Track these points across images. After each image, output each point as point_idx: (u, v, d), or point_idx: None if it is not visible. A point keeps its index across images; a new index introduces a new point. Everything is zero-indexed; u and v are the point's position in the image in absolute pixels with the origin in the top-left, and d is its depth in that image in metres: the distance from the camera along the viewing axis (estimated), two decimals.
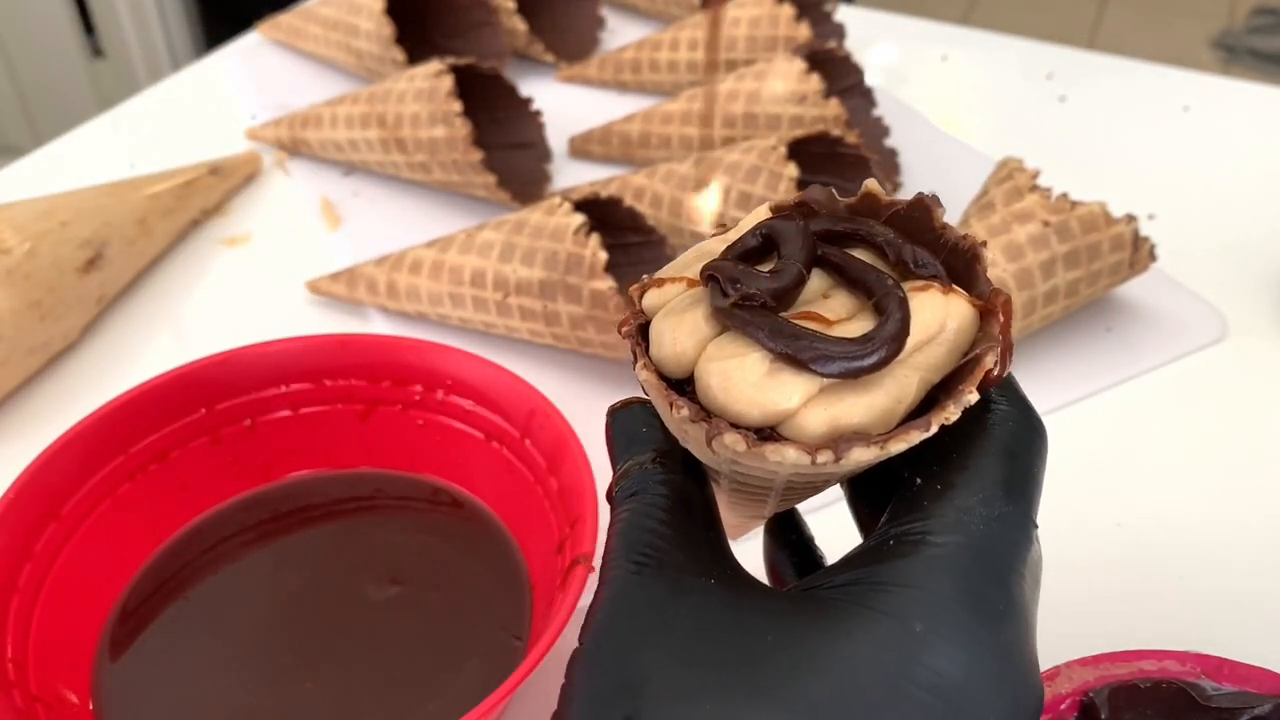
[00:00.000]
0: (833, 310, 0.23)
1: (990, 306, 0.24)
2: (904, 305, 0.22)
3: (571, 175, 0.67)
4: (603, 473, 0.38)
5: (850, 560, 0.24)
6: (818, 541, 0.32)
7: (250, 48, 0.83)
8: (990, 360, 0.23)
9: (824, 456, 0.22)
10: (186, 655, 0.39)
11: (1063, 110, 0.74)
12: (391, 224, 0.63)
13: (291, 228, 0.64)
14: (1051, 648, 0.39)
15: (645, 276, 0.26)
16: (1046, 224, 0.49)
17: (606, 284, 0.48)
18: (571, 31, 0.82)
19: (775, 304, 0.23)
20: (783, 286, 0.23)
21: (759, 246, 0.24)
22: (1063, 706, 0.32)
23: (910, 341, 0.22)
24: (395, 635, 0.39)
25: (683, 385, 0.24)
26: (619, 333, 0.25)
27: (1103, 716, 0.32)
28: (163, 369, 0.42)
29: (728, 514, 0.30)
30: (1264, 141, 0.70)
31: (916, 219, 0.25)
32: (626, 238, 0.54)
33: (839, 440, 0.22)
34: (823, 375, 0.22)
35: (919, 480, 0.24)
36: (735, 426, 0.22)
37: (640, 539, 0.24)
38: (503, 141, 0.66)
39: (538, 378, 0.42)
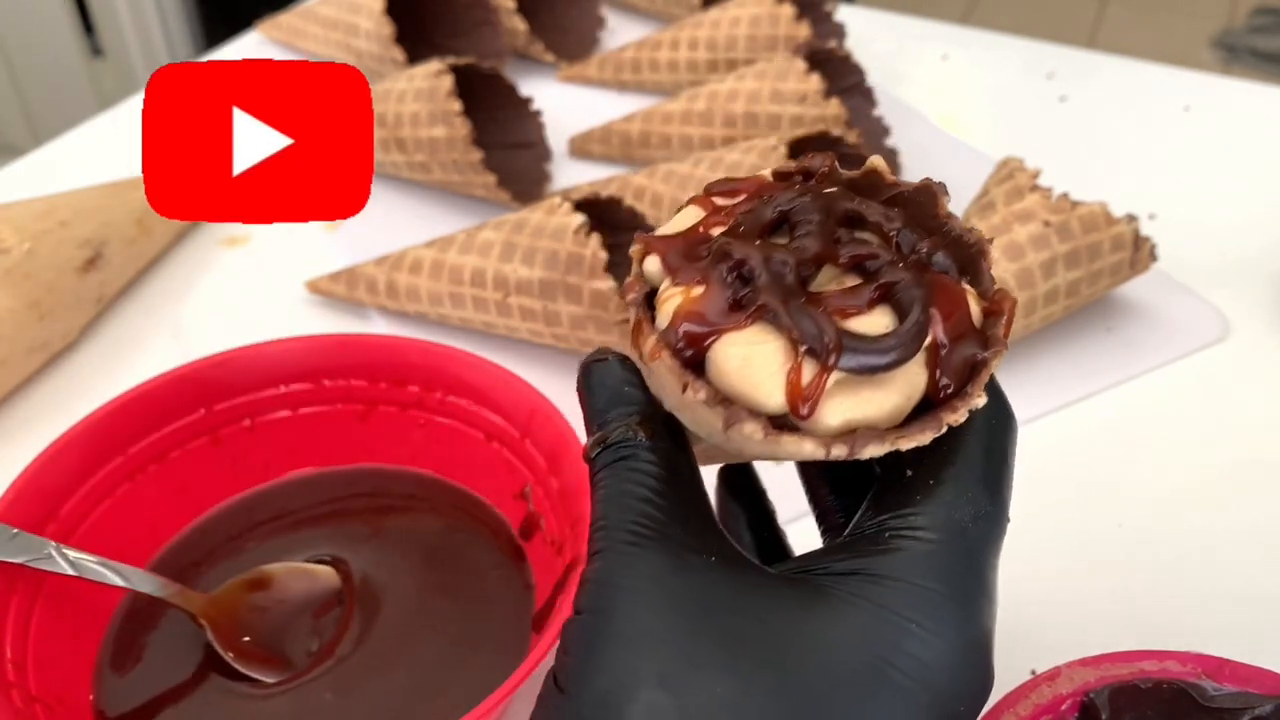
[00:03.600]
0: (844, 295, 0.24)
1: (997, 308, 0.24)
2: (926, 307, 0.23)
3: (571, 175, 0.67)
4: None
5: (846, 547, 0.25)
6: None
7: (250, 47, 0.83)
8: (996, 365, 0.23)
9: (839, 450, 0.22)
10: (188, 654, 0.38)
11: (1063, 110, 0.74)
12: (391, 224, 0.63)
13: (291, 228, 0.64)
14: (1052, 648, 0.39)
15: (638, 246, 0.25)
16: (1047, 224, 0.49)
17: (607, 284, 0.48)
18: (571, 31, 0.81)
19: (796, 288, 0.23)
20: (807, 275, 0.23)
21: (774, 221, 0.24)
22: (1064, 707, 0.32)
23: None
24: (395, 635, 0.39)
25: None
26: (622, 299, 0.25)
27: (1104, 717, 0.32)
28: (162, 369, 0.42)
29: None
30: (1265, 141, 0.70)
31: (920, 204, 0.25)
32: (626, 238, 0.54)
33: (855, 436, 0.22)
34: (841, 370, 0.22)
35: (909, 473, 0.25)
36: (751, 414, 0.23)
37: (635, 509, 0.24)
38: (503, 141, 0.66)
39: (538, 378, 0.42)
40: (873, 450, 0.23)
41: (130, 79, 1.58)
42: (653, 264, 0.24)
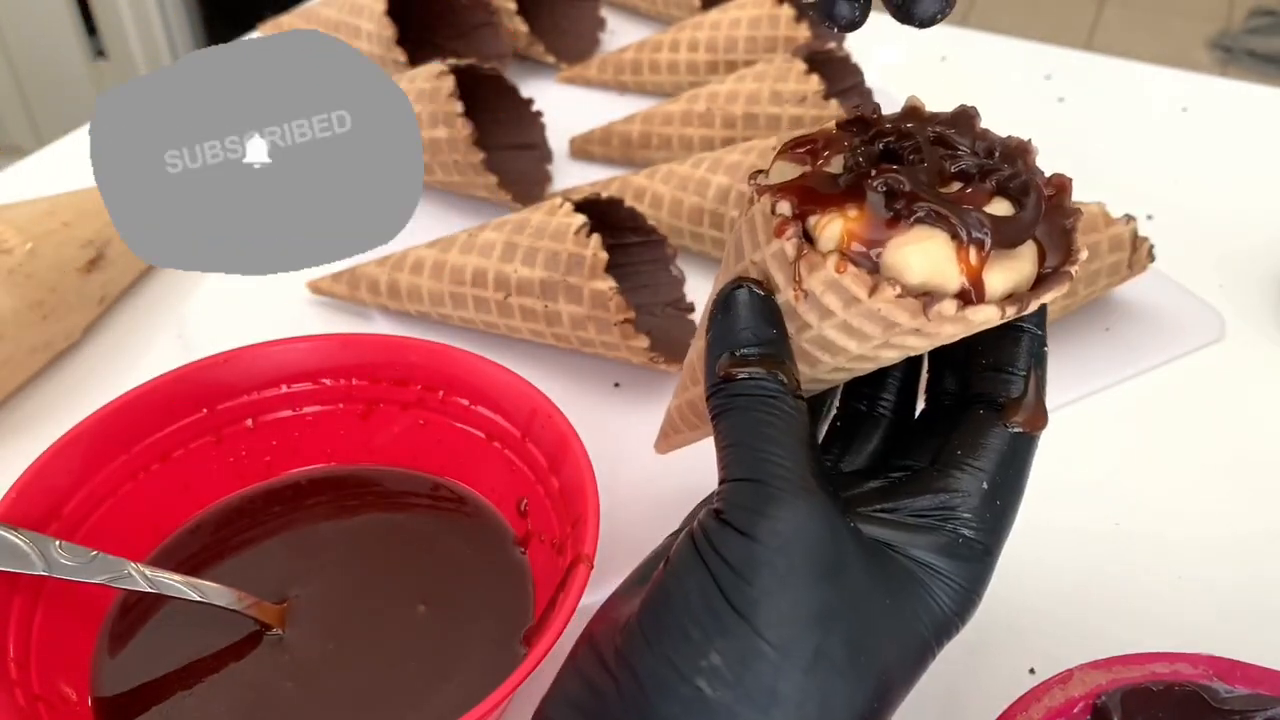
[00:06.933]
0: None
1: (1061, 185, 0.30)
2: (1036, 189, 0.28)
3: (572, 176, 0.68)
4: (602, 472, 0.38)
5: (924, 486, 0.30)
6: None
7: None
8: (1080, 226, 0.29)
9: (1011, 310, 0.27)
10: (184, 652, 0.39)
11: (1061, 111, 0.74)
12: None
13: None
14: (1050, 647, 0.39)
15: (765, 198, 0.29)
16: None
17: (607, 284, 0.48)
18: (572, 33, 0.82)
19: (938, 194, 0.28)
20: (933, 185, 0.28)
21: (882, 153, 0.29)
22: (1075, 710, 0.32)
23: None
24: (397, 633, 0.39)
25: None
26: (779, 235, 0.28)
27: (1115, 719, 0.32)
28: (164, 369, 0.43)
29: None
30: (1262, 142, 0.71)
31: (962, 124, 0.31)
32: (627, 238, 0.54)
33: (1016, 298, 0.27)
34: (994, 247, 0.27)
35: (981, 411, 0.30)
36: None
37: (799, 455, 0.27)
38: (504, 142, 0.66)
39: (539, 378, 0.42)
40: (1034, 305, 0.27)
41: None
42: (785, 207, 0.28)
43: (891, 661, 0.27)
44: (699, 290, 0.55)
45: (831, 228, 0.27)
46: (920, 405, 0.34)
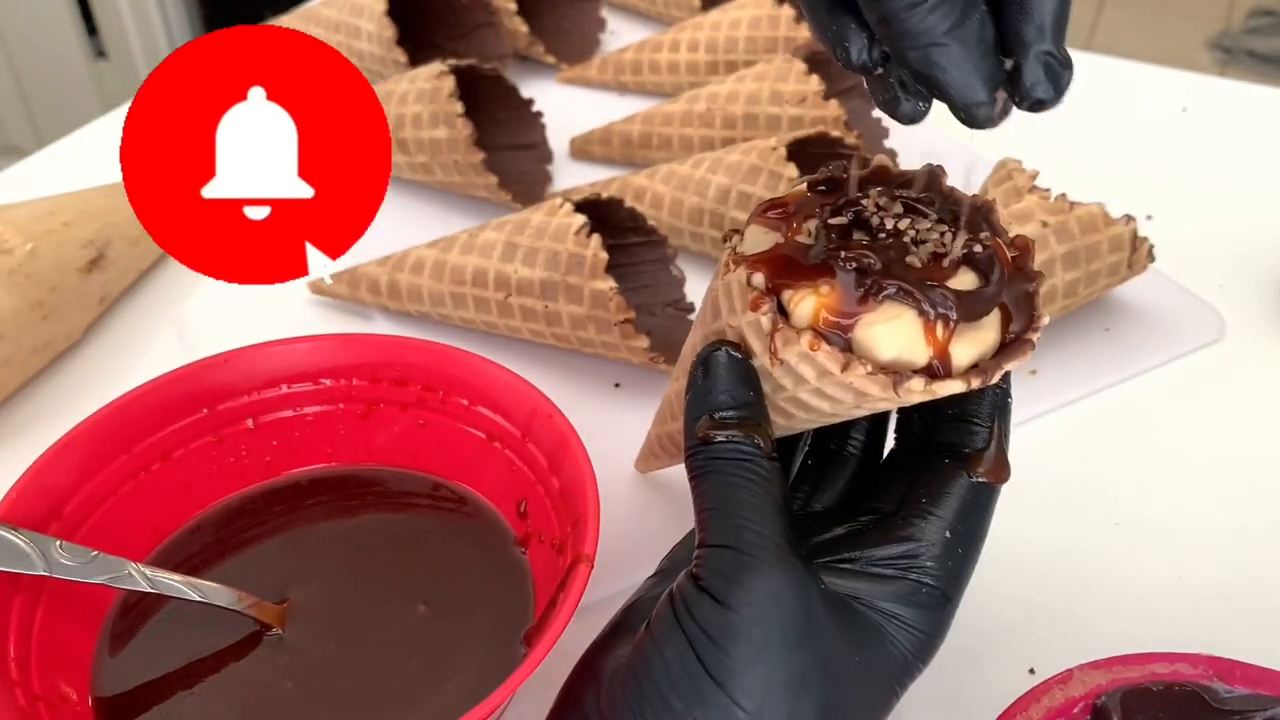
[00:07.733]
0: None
1: (1023, 247, 0.31)
2: (999, 262, 0.29)
3: (572, 176, 0.68)
4: (602, 472, 0.38)
5: (884, 536, 0.31)
6: None
7: None
8: (1042, 289, 0.30)
9: (976, 381, 0.28)
10: (184, 652, 0.39)
11: (1061, 111, 0.74)
12: (393, 224, 0.63)
13: None
14: (1049, 646, 0.39)
15: (741, 269, 0.29)
16: (1045, 225, 0.49)
17: (607, 284, 0.48)
18: (572, 33, 0.82)
19: (904, 270, 0.28)
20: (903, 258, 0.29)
21: (852, 223, 0.30)
22: (1075, 710, 0.33)
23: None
24: (397, 633, 0.39)
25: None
26: (754, 309, 0.29)
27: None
28: (165, 369, 0.43)
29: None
30: (1261, 142, 0.71)
31: (928, 184, 0.31)
32: (627, 238, 0.54)
33: (981, 368, 0.28)
34: (959, 321, 0.28)
35: (947, 461, 0.31)
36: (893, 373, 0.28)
37: (775, 521, 0.28)
38: (504, 142, 0.66)
39: (539, 378, 0.42)
40: (996, 376, 0.28)
41: (133, 81, 1.59)
42: (759, 280, 0.29)
43: (858, 713, 0.28)
44: (699, 290, 0.55)
45: (805, 304, 0.28)
46: (890, 443, 0.35)
